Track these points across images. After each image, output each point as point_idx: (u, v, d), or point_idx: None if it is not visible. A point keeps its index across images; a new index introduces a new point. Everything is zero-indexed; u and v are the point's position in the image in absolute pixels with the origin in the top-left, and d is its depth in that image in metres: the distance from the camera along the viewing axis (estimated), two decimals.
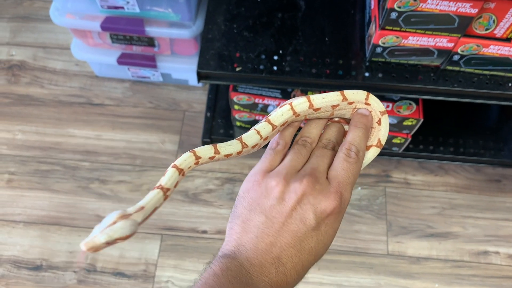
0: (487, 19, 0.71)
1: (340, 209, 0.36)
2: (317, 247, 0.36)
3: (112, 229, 0.30)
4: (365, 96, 0.41)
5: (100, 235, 0.29)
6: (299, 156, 0.39)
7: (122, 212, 0.31)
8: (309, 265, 0.37)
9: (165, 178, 0.35)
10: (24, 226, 1.10)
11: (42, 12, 1.37)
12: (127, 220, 0.30)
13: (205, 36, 0.85)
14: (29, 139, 1.20)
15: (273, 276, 0.35)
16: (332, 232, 0.37)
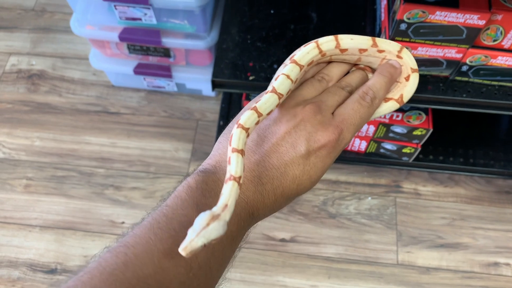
0: (494, 30, 0.72)
1: (335, 144, 0.35)
2: (301, 177, 0.35)
3: (208, 232, 0.30)
4: (398, 48, 0.38)
5: (197, 239, 0.29)
6: (310, 88, 0.37)
7: (211, 213, 0.30)
8: (290, 193, 0.35)
9: (232, 166, 0.33)
10: (40, 230, 1.13)
11: (62, 23, 1.42)
12: (219, 221, 0.30)
13: (220, 46, 0.88)
14: (46, 145, 1.24)
15: (250, 194, 0.34)
16: (321, 166, 0.35)
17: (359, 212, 1.15)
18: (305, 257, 1.10)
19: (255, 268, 1.09)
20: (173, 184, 1.19)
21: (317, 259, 1.10)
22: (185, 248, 0.29)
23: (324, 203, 1.16)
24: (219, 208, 0.31)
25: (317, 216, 1.15)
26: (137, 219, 0.33)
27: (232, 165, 0.33)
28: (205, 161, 0.36)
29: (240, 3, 0.94)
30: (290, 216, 1.15)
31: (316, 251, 1.11)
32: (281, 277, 1.08)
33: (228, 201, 0.31)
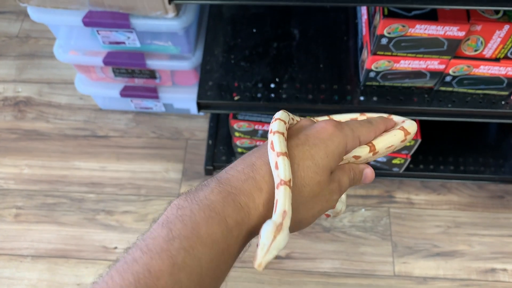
0: (475, 41, 0.73)
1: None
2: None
3: (276, 244, 0.31)
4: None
5: (269, 254, 0.31)
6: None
7: (274, 225, 0.32)
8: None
9: (281, 172, 0.34)
10: (32, 260, 1.11)
11: (47, 49, 1.41)
12: (283, 232, 0.32)
13: (204, 67, 0.88)
14: (35, 173, 1.23)
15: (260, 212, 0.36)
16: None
17: (353, 224, 1.15)
18: (302, 273, 1.09)
19: None
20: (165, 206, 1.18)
21: (314, 275, 1.09)
22: (259, 265, 0.30)
23: (319, 218, 1.15)
24: (279, 216, 0.32)
25: (312, 230, 1.14)
26: (130, 243, 0.32)
27: (280, 169, 0.34)
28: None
29: (223, 23, 0.94)
30: None
31: (312, 266, 1.10)
32: None
33: (285, 206, 0.33)
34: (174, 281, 0.28)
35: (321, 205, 0.36)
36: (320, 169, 0.35)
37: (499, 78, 0.78)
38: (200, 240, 0.30)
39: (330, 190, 0.36)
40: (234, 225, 0.32)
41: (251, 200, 0.33)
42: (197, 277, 0.29)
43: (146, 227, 0.34)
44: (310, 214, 0.36)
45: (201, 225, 0.31)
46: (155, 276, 0.28)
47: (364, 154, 0.39)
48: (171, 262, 0.29)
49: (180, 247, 0.29)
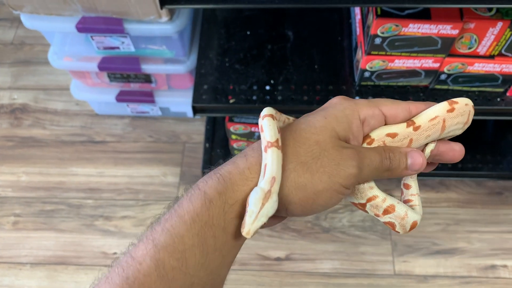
0: (468, 38, 0.73)
1: None
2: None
3: (264, 211, 0.30)
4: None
5: (257, 222, 0.30)
6: None
7: (262, 191, 0.30)
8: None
9: (266, 133, 0.32)
10: (31, 267, 1.11)
11: (42, 55, 1.41)
12: (271, 199, 0.30)
13: (199, 71, 0.88)
14: (33, 180, 1.22)
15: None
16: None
17: (352, 224, 1.15)
18: (302, 274, 1.09)
19: None
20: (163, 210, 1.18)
21: (314, 276, 1.09)
22: (248, 232, 0.29)
23: (317, 218, 1.15)
24: (267, 182, 0.30)
25: (311, 231, 1.14)
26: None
27: (265, 131, 0.32)
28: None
29: (216, 26, 0.94)
30: (283, 234, 1.14)
31: (312, 267, 1.10)
32: None
33: (274, 171, 0.30)
34: (156, 263, 0.28)
35: (331, 169, 0.31)
36: (318, 129, 0.32)
37: (493, 75, 0.78)
38: (181, 219, 0.30)
39: (341, 154, 0.31)
40: (215, 194, 0.30)
41: (234, 167, 0.32)
42: (180, 254, 0.29)
43: None
44: (317, 180, 0.31)
45: (183, 205, 0.30)
46: (137, 261, 0.29)
47: (402, 130, 0.33)
48: (153, 245, 0.29)
49: (161, 229, 0.30)
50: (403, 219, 0.35)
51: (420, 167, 0.34)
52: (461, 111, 0.35)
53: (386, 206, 0.35)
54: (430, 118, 0.33)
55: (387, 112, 0.33)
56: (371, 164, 0.33)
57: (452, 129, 0.35)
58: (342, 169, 0.31)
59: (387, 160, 0.33)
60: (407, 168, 0.34)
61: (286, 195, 0.32)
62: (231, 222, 0.31)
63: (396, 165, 0.33)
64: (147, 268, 0.28)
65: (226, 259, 0.31)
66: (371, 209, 0.36)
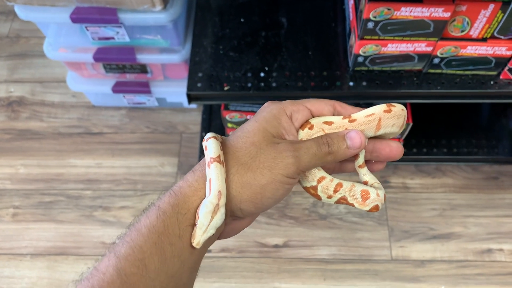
0: (461, 21, 0.73)
1: None
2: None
3: (214, 223, 0.33)
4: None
5: (207, 233, 0.33)
6: None
7: (212, 204, 0.33)
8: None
9: (209, 151, 0.35)
10: (31, 258, 1.12)
11: (38, 48, 1.41)
12: (219, 211, 0.33)
13: (193, 59, 0.88)
14: (31, 172, 1.23)
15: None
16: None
17: (349, 211, 1.15)
18: (299, 261, 1.10)
19: (250, 277, 1.08)
20: None
21: (312, 262, 1.10)
22: (198, 243, 0.33)
23: (314, 205, 1.16)
24: (214, 197, 0.33)
25: (308, 218, 1.15)
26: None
27: (209, 149, 0.35)
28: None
29: (210, 14, 0.94)
30: (281, 221, 1.15)
31: (309, 254, 1.11)
32: (277, 284, 1.08)
33: (219, 186, 0.33)
34: (118, 271, 0.31)
35: (269, 163, 0.34)
36: (251, 132, 0.35)
37: (487, 58, 0.79)
38: (139, 231, 0.33)
39: (276, 149, 0.34)
40: (167, 207, 0.34)
41: (184, 182, 0.35)
42: (139, 262, 0.31)
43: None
44: (259, 174, 0.34)
45: (141, 220, 0.34)
46: (101, 271, 0.31)
47: (338, 119, 0.36)
48: (115, 257, 0.32)
49: (121, 243, 0.33)
50: (351, 189, 0.38)
51: (361, 145, 0.36)
52: (398, 114, 0.37)
53: (334, 185, 0.38)
54: (367, 114, 0.36)
55: (311, 107, 0.37)
56: (308, 151, 0.35)
57: (388, 130, 0.37)
58: (279, 161, 0.34)
59: (324, 145, 0.35)
60: (348, 148, 0.36)
61: (234, 195, 0.35)
62: (186, 230, 0.34)
63: (337, 147, 0.36)
64: (110, 276, 0.31)
65: (185, 264, 0.33)
66: (323, 191, 0.38)
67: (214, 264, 1.10)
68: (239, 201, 0.35)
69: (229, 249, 1.11)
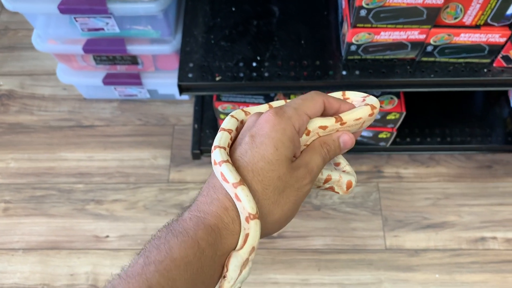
0: (454, 8, 0.72)
1: None
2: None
3: (241, 279, 0.34)
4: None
5: (234, 286, 0.34)
6: None
7: (241, 259, 0.34)
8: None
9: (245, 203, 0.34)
10: (23, 253, 1.11)
11: (26, 40, 1.39)
12: (248, 267, 0.35)
13: (184, 49, 0.87)
14: (22, 166, 1.21)
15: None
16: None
17: (343, 201, 1.15)
18: (294, 251, 1.10)
19: None
20: (155, 193, 1.18)
21: (306, 252, 1.10)
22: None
23: (308, 196, 1.16)
24: (246, 252, 0.34)
25: (302, 209, 1.15)
26: (121, 231, 0.36)
27: (244, 202, 0.34)
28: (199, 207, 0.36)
29: (201, 3, 0.93)
30: None
31: (304, 244, 1.11)
32: (272, 274, 1.07)
33: (254, 243, 0.34)
34: None
35: (295, 196, 0.36)
36: (275, 165, 0.35)
37: (480, 45, 0.78)
38: (174, 263, 0.32)
39: (297, 178, 0.36)
40: (206, 246, 0.33)
41: (220, 221, 0.35)
42: None
43: (137, 215, 0.36)
44: (286, 209, 0.36)
45: (175, 249, 0.32)
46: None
47: (331, 123, 0.39)
48: (147, 285, 0.31)
49: (155, 270, 0.31)
50: (339, 181, 0.41)
51: (351, 145, 0.40)
52: (375, 116, 0.41)
53: (325, 177, 0.41)
54: (355, 118, 0.39)
55: (310, 112, 0.38)
56: (318, 166, 0.38)
57: (365, 126, 0.42)
58: (301, 191, 0.36)
59: (326, 154, 0.39)
60: (341, 149, 0.40)
61: (265, 232, 0.36)
62: (218, 270, 0.34)
63: (333, 151, 0.39)
64: None
65: None
66: (314, 183, 0.41)
67: None
68: (268, 234, 0.37)
69: None
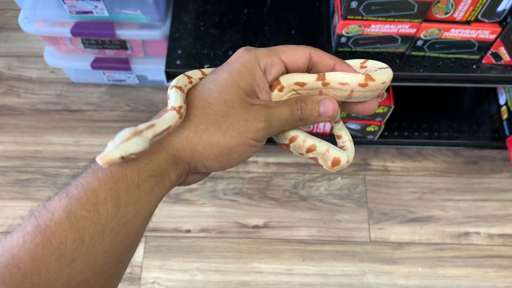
0: (445, 3, 0.72)
1: None
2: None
3: (127, 145, 0.31)
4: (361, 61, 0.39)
5: (115, 150, 0.30)
6: None
7: (134, 129, 0.32)
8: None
9: (171, 100, 0.33)
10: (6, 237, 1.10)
11: (14, 21, 1.36)
12: (140, 137, 0.31)
13: (172, 35, 0.86)
14: (7, 149, 1.20)
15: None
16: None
17: (330, 192, 1.16)
18: (279, 241, 1.10)
19: (230, 257, 1.08)
20: None
21: (291, 243, 1.10)
22: (102, 158, 0.30)
23: (295, 187, 1.16)
24: (145, 125, 0.32)
25: (289, 200, 1.15)
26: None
27: (171, 99, 0.33)
28: None
29: None
30: (261, 202, 1.14)
31: (289, 234, 1.11)
32: (256, 264, 1.08)
33: (158, 122, 0.32)
34: (68, 213, 0.30)
35: (241, 126, 0.33)
36: (225, 88, 0.34)
37: (470, 41, 0.78)
38: (95, 175, 0.31)
39: (248, 111, 0.34)
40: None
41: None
42: (91, 206, 0.30)
43: None
44: (228, 136, 0.33)
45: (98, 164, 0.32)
46: (50, 211, 0.30)
47: (310, 81, 0.34)
48: (67, 198, 0.30)
49: (76, 184, 0.31)
50: (324, 154, 0.37)
51: (333, 113, 0.36)
52: (374, 88, 0.35)
53: (308, 145, 0.37)
54: (340, 82, 0.34)
55: (286, 59, 0.35)
56: (281, 116, 0.35)
57: (361, 98, 0.36)
58: (250, 125, 0.33)
59: (297, 111, 0.35)
60: (320, 115, 0.36)
61: (201, 153, 0.34)
62: (146, 180, 0.32)
63: (308, 113, 0.36)
64: (58, 217, 0.30)
65: (140, 213, 0.32)
66: (295, 149, 0.37)
67: (194, 244, 1.10)
68: (205, 159, 0.34)
69: (209, 229, 1.11)
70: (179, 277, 1.06)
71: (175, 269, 1.07)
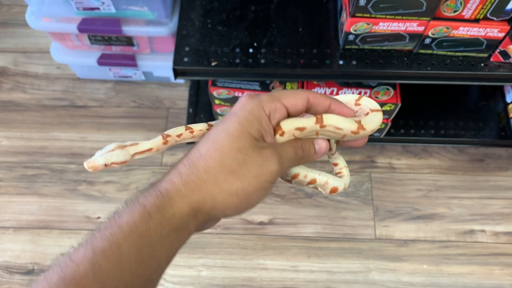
0: (454, 1, 0.72)
1: None
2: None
3: (110, 155, 0.36)
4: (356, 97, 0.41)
5: (100, 158, 0.36)
6: None
7: (120, 144, 0.37)
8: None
9: (170, 129, 0.40)
10: (14, 231, 1.11)
11: (21, 17, 1.37)
12: (122, 150, 0.37)
13: (180, 32, 0.86)
14: (14, 144, 1.21)
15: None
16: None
17: None
18: (284, 238, 1.11)
19: (235, 253, 1.09)
20: (147, 175, 1.18)
21: (296, 240, 1.10)
22: (88, 163, 0.36)
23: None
24: (129, 142, 0.38)
25: (294, 196, 1.15)
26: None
27: (170, 131, 0.40)
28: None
29: None
30: (267, 199, 1.15)
31: (294, 231, 1.11)
32: (262, 260, 1.08)
33: (142, 142, 0.38)
34: (93, 266, 0.31)
35: (257, 171, 0.35)
36: (236, 137, 0.35)
37: (478, 39, 0.78)
38: (120, 228, 0.32)
39: (261, 155, 0.35)
40: (153, 209, 0.33)
41: (171, 185, 0.35)
42: (116, 260, 0.31)
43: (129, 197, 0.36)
44: (246, 182, 0.35)
45: (123, 216, 0.33)
46: (75, 263, 0.31)
47: (310, 125, 0.37)
48: (92, 250, 0.31)
49: (100, 236, 0.32)
50: (324, 185, 0.41)
51: (325, 151, 0.40)
52: (364, 135, 0.38)
53: (308, 180, 0.40)
54: (336, 127, 0.37)
55: (288, 103, 0.37)
56: (288, 156, 0.37)
57: (351, 139, 0.40)
58: (265, 169, 0.35)
59: (300, 150, 0.38)
60: (316, 153, 0.39)
61: (222, 202, 0.35)
62: (168, 235, 0.34)
63: (307, 152, 0.39)
64: (84, 269, 0.30)
65: (160, 267, 0.34)
66: (296, 183, 0.41)
67: (199, 240, 1.10)
68: (226, 208, 0.36)
69: (214, 226, 1.11)
70: (184, 273, 1.07)
71: (181, 265, 1.08)
